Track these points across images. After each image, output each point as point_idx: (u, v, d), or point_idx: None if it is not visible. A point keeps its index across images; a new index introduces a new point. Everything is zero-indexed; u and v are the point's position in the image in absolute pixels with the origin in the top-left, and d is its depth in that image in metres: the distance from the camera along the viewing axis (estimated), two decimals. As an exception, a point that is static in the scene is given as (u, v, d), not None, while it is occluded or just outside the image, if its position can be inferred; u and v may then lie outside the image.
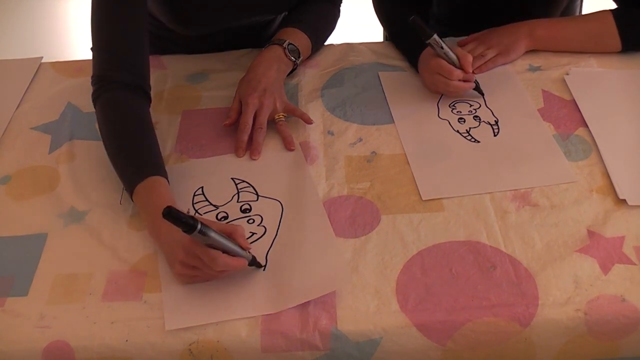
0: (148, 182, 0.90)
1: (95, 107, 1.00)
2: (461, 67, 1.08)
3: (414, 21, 1.05)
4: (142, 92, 1.02)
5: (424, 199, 0.94)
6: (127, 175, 0.92)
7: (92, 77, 1.01)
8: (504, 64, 1.19)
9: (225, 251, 0.79)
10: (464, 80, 1.10)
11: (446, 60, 1.08)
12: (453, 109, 1.11)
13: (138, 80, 1.01)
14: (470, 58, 1.08)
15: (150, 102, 1.04)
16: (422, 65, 1.15)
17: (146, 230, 0.90)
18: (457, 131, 1.06)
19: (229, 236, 0.81)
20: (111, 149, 0.96)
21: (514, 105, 1.11)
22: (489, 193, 0.95)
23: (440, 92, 1.13)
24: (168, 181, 0.93)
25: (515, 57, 1.19)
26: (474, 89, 1.12)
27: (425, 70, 1.13)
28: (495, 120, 1.08)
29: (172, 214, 0.74)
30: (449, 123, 1.08)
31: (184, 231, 0.75)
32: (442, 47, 1.07)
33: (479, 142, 1.04)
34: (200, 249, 0.79)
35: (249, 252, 0.83)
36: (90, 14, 1.01)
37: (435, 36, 1.05)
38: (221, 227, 0.81)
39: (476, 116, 1.09)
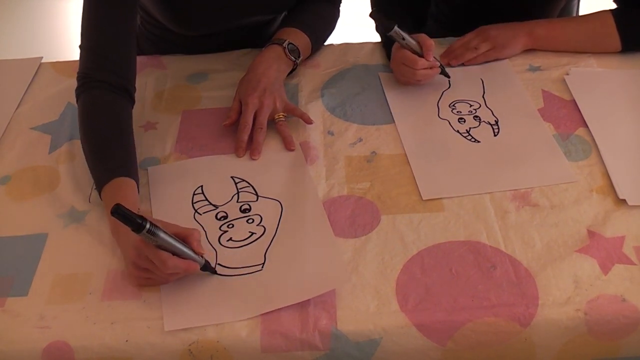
0: (115, 182, 0.89)
1: (77, 104, 1.00)
2: (424, 55, 1.10)
3: (372, 15, 1.07)
4: (125, 93, 1.01)
5: (424, 198, 0.94)
6: (97, 174, 0.93)
7: (77, 73, 1.01)
8: (496, 59, 1.19)
9: (176, 254, 0.79)
10: (430, 68, 1.11)
11: (410, 51, 1.10)
12: (453, 109, 1.11)
13: (121, 81, 1.00)
14: (431, 45, 1.10)
15: (134, 103, 1.03)
16: (391, 59, 1.16)
17: None
18: (457, 131, 1.06)
19: (184, 239, 0.80)
20: (86, 147, 0.96)
21: (514, 105, 1.11)
22: (489, 193, 0.95)
23: (409, 83, 1.15)
24: (138, 184, 0.92)
25: (509, 54, 1.19)
26: (440, 73, 1.14)
27: (392, 63, 1.16)
28: (495, 120, 1.08)
29: (119, 212, 0.74)
30: (449, 123, 1.08)
31: (133, 230, 0.75)
32: (403, 39, 1.09)
33: (479, 142, 1.04)
34: (150, 251, 0.78)
35: (202, 257, 0.82)
36: (82, 14, 1.02)
37: (396, 28, 1.07)
38: (177, 230, 0.81)
39: (476, 116, 1.09)
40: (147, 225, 0.75)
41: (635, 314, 0.78)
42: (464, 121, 1.08)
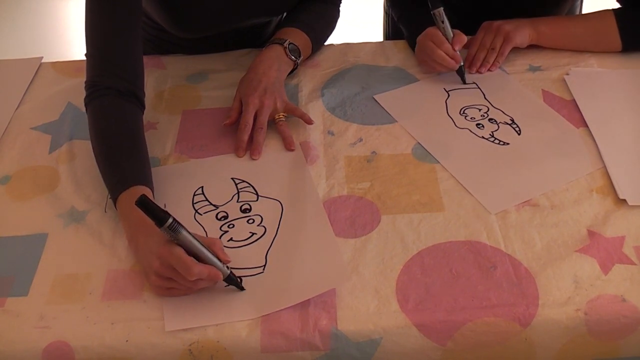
0: (131, 191, 0.88)
1: (86, 113, 0.99)
2: (452, 43, 1.13)
3: None
4: (135, 98, 1.00)
5: (493, 213, 0.92)
6: (111, 183, 0.91)
7: (85, 82, 1.00)
8: (514, 47, 1.18)
9: (199, 257, 0.78)
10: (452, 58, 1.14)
11: (442, 34, 1.13)
12: (465, 116, 1.10)
13: (130, 87, 0.99)
14: (464, 39, 1.13)
15: (144, 108, 1.03)
16: (422, 34, 1.18)
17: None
18: (482, 137, 1.05)
19: (207, 247, 0.79)
20: (98, 156, 0.95)
21: (519, 101, 1.12)
22: (489, 193, 0.95)
23: (425, 60, 1.17)
24: (153, 191, 0.91)
25: (519, 41, 1.17)
26: (458, 73, 1.16)
27: (421, 37, 1.17)
28: (511, 119, 1.08)
29: (144, 204, 0.73)
30: (470, 131, 1.07)
31: (155, 224, 0.75)
32: (443, 22, 1.12)
33: (507, 144, 1.03)
34: (175, 259, 0.77)
35: (228, 268, 0.80)
36: (84, 19, 1.01)
37: (442, 9, 1.11)
38: (200, 239, 0.80)
39: (491, 119, 1.08)
40: (170, 220, 0.75)
41: (635, 314, 0.78)
42: (483, 127, 1.07)
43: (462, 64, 1.15)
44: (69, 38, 2.97)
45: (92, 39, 1.00)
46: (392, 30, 1.48)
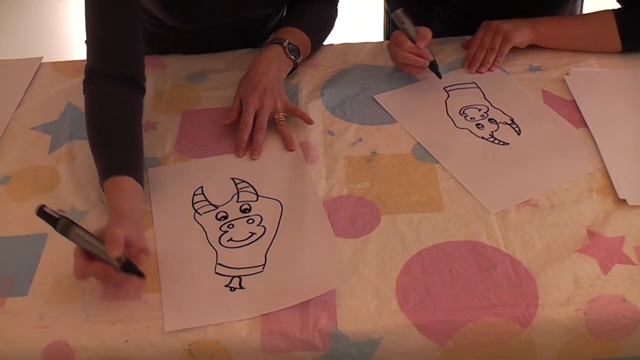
0: (115, 180, 0.88)
1: (84, 97, 1.00)
2: (415, 41, 1.12)
3: None
4: (134, 83, 1.00)
5: (493, 213, 0.92)
6: (99, 169, 0.92)
7: (84, 67, 1.01)
8: (513, 47, 1.18)
9: (96, 256, 0.79)
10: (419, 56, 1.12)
11: (405, 35, 1.13)
12: (465, 116, 1.09)
13: (129, 72, 0.99)
14: (427, 35, 1.12)
15: (144, 92, 1.02)
16: (388, 43, 1.18)
17: (146, 230, 0.90)
18: (482, 137, 1.05)
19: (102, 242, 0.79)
20: (91, 143, 0.95)
21: (519, 101, 1.11)
22: (489, 193, 0.95)
23: (395, 63, 1.17)
24: (141, 180, 0.91)
25: (519, 40, 1.17)
26: (432, 70, 1.14)
27: (388, 44, 1.18)
28: (510, 119, 1.08)
29: (41, 212, 0.77)
30: (470, 131, 1.07)
31: (55, 229, 0.78)
32: (402, 23, 1.12)
33: (507, 143, 1.03)
34: (74, 259, 0.80)
35: (122, 259, 0.78)
36: (84, 8, 1.01)
37: (398, 11, 1.11)
38: (100, 234, 0.80)
39: (491, 119, 1.08)
40: (59, 224, 0.78)
41: (635, 314, 0.78)
42: (482, 127, 1.07)
43: (432, 59, 1.13)
44: (69, 38, 2.97)
45: (90, 26, 1.00)
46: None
